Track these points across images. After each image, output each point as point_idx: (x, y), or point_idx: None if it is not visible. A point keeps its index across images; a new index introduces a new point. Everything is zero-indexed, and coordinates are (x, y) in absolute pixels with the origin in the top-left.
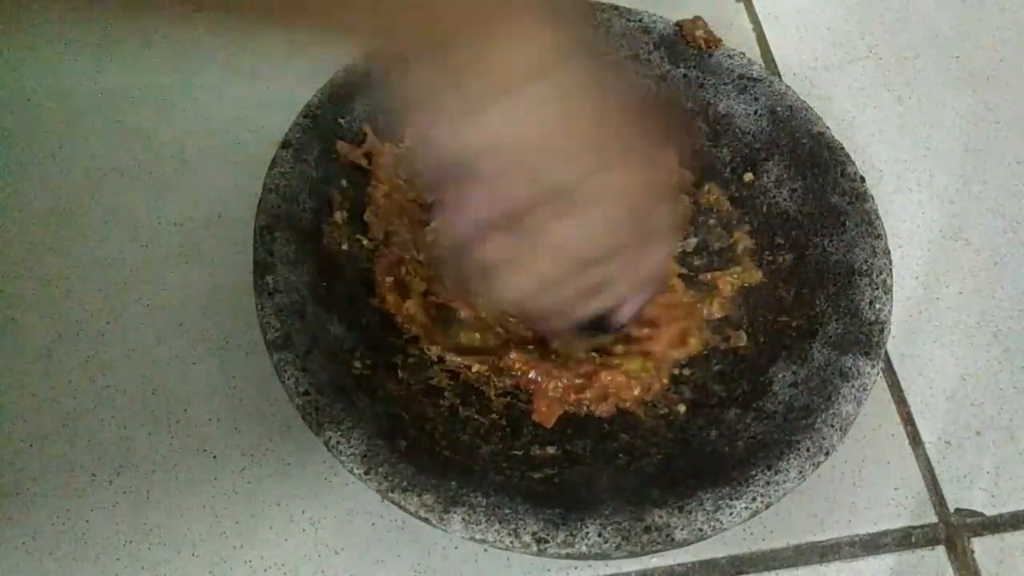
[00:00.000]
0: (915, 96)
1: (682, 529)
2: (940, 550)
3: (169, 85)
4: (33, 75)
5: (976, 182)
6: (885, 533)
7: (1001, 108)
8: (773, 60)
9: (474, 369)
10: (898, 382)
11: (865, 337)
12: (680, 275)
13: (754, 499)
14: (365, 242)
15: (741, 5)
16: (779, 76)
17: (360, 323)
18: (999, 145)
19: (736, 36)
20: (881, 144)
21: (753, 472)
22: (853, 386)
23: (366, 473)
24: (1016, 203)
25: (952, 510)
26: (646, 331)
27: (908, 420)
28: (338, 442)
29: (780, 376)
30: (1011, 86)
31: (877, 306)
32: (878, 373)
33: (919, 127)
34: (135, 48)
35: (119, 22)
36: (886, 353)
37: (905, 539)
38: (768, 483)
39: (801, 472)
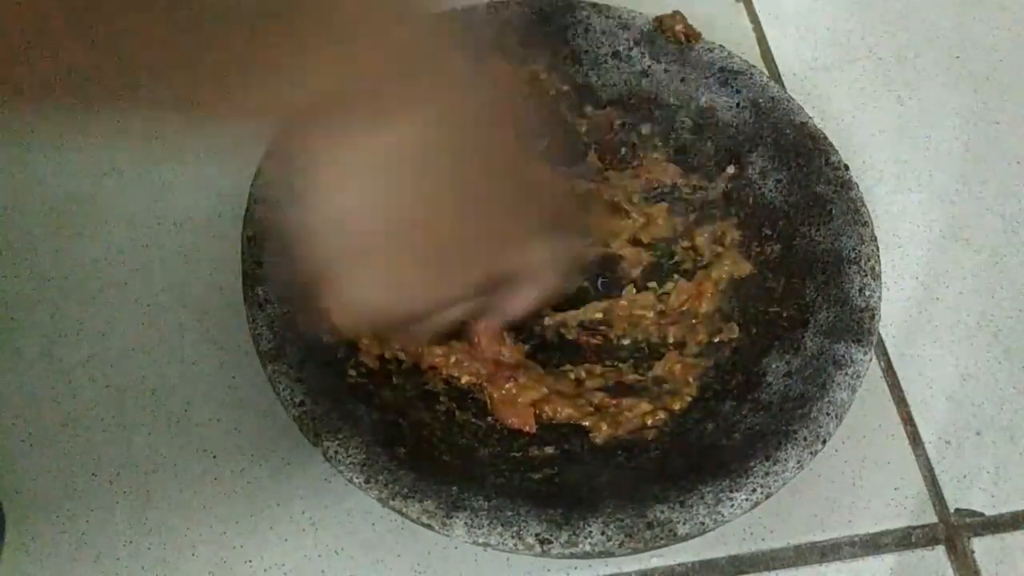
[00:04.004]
0: (915, 96)
1: (684, 523)
2: (940, 550)
3: None
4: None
5: (976, 182)
6: (885, 533)
7: (1001, 108)
8: (773, 60)
9: (464, 380)
10: (898, 382)
11: (856, 324)
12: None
13: (754, 490)
14: None
15: (741, 5)
16: (779, 76)
17: None
18: (999, 145)
19: (736, 36)
20: (881, 144)
21: (752, 463)
22: (847, 373)
23: (366, 482)
24: (1016, 203)
25: (952, 510)
26: (666, 386)
27: (908, 420)
28: (336, 452)
29: (774, 367)
30: (1011, 86)
31: (867, 293)
32: (871, 360)
33: (919, 127)
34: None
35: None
36: (886, 353)
37: (905, 539)
38: (767, 474)
39: (799, 461)
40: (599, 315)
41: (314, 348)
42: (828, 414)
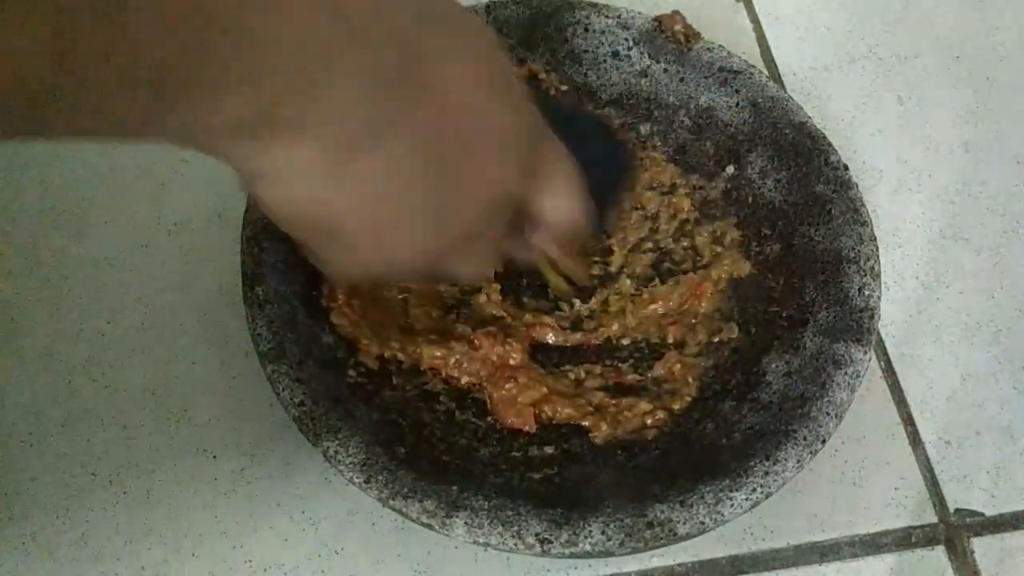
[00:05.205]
0: (915, 96)
1: (684, 523)
2: (940, 550)
3: None
4: None
5: (976, 182)
6: (885, 533)
7: (1001, 108)
8: (773, 60)
9: (464, 380)
10: (898, 382)
11: (856, 324)
12: (670, 271)
13: (754, 490)
14: None
15: (741, 5)
16: (779, 76)
17: None
18: (999, 145)
19: (736, 36)
20: (881, 144)
21: (752, 463)
22: (846, 373)
23: (366, 481)
24: (1016, 203)
25: (952, 510)
26: (666, 386)
27: (908, 420)
28: (336, 451)
29: (773, 366)
30: (1011, 86)
31: (866, 292)
32: (870, 359)
33: (919, 127)
34: None
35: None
36: (886, 353)
37: (905, 539)
38: (767, 473)
39: (799, 461)
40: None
41: (314, 348)
42: (828, 414)
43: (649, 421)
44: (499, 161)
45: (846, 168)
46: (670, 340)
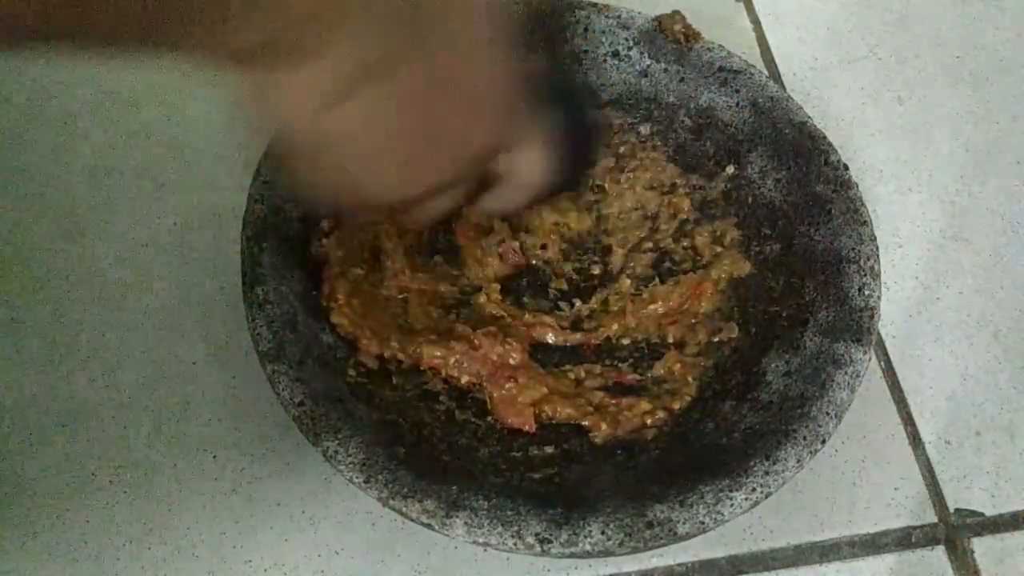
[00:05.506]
0: (915, 96)
1: (684, 523)
2: (940, 550)
3: (169, 85)
4: (33, 75)
5: (976, 182)
6: (885, 533)
7: (1001, 108)
8: (773, 60)
9: (463, 380)
10: (898, 382)
11: (855, 324)
12: (670, 271)
13: (754, 490)
14: None
15: (741, 5)
16: (779, 76)
17: None
18: (999, 145)
19: (736, 36)
20: (881, 144)
21: (752, 463)
22: (846, 373)
23: (366, 481)
24: (1016, 203)
25: (952, 510)
26: (666, 385)
27: (908, 420)
28: (336, 451)
29: (773, 366)
30: (1011, 86)
31: (866, 292)
32: (870, 359)
33: (919, 127)
34: None
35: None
36: (886, 353)
37: (905, 539)
38: (767, 473)
39: (799, 461)
40: (596, 306)
41: (314, 348)
42: (828, 413)
43: (649, 421)
44: (496, 114)
45: (846, 168)
46: (670, 340)
